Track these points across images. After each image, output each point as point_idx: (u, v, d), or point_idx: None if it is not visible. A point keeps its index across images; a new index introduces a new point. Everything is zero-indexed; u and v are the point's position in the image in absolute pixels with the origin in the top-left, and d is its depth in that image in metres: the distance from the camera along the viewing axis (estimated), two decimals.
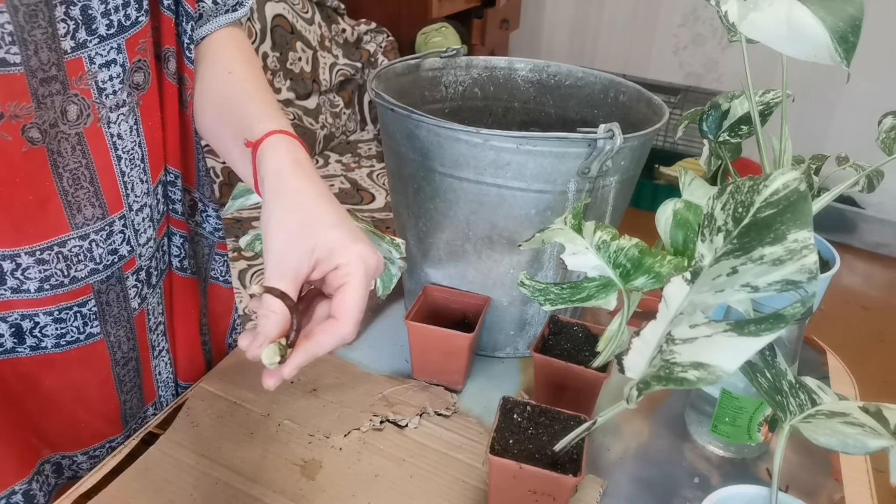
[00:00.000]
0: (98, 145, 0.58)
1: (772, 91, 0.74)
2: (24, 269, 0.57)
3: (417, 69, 0.88)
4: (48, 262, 0.58)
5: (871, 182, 0.73)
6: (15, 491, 0.64)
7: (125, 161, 0.61)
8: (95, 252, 0.61)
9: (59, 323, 0.61)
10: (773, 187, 0.43)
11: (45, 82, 0.52)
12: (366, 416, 0.71)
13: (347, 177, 2.35)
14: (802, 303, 0.46)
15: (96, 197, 0.59)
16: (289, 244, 0.51)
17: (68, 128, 0.56)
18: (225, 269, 0.80)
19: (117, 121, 0.59)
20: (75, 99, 0.55)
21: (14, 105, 0.51)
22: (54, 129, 0.55)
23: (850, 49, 0.52)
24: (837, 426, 0.48)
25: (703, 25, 2.99)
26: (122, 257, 0.64)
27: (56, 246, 0.58)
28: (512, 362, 0.83)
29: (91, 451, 0.71)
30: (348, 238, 0.51)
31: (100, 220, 0.60)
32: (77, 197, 0.58)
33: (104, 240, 0.61)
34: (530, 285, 0.63)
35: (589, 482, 0.66)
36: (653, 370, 0.45)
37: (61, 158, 0.56)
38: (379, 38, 2.73)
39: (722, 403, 0.68)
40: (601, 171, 0.70)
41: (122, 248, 0.63)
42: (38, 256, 0.57)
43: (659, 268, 0.58)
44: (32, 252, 0.57)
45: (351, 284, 0.50)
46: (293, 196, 0.53)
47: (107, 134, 0.59)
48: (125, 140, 0.60)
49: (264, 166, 0.55)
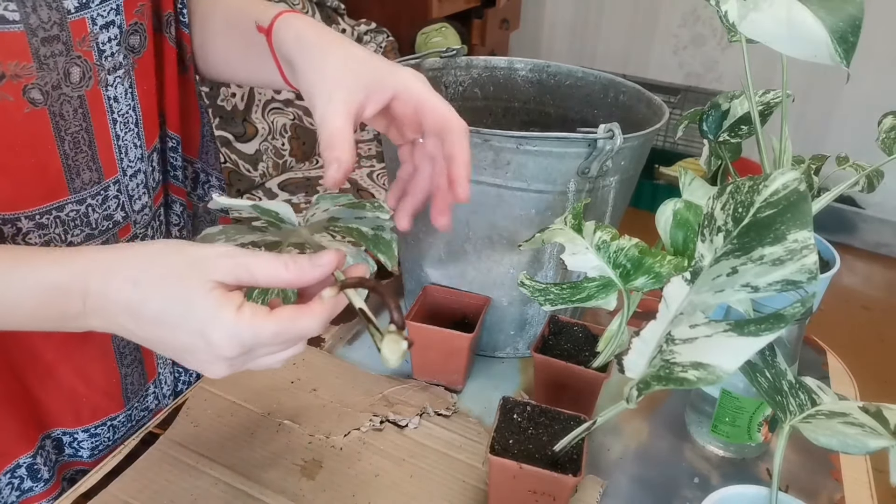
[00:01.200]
0: (97, 108, 0.58)
1: (772, 91, 0.74)
2: (24, 235, 0.57)
3: (417, 69, 0.88)
4: (47, 226, 0.58)
5: (871, 182, 0.73)
6: (20, 464, 0.65)
7: (120, 125, 0.61)
8: (91, 217, 0.61)
9: None
10: (773, 187, 0.43)
11: (46, 42, 0.52)
12: (366, 416, 0.71)
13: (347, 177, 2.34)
14: (802, 303, 0.46)
15: (93, 161, 0.59)
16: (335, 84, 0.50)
17: (71, 90, 0.55)
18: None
19: (114, 83, 0.59)
20: (78, 61, 0.55)
21: (14, 64, 0.51)
22: (57, 90, 0.54)
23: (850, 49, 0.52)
24: (837, 426, 0.48)
25: (703, 25, 2.99)
26: (116, 223, 0.63)
27: (54, 210, 0.58)
28: (512, 362, 0.83)
29: (92, 429, 0.70)
30: (389, 66, 0.51)
31: (96, 184, 0.60)
32: (77, 161, 0.58)
33: (100, 204, 0.61)
34: (530, 285, 0.63)
35: (589, 482, 0.66)
36: (653, 370, 0.45)
37: (63, 122, 0.56)
38: (379, 38, 2.73)
39: (722, 403, 0.68)
40: (601, 171, 0.70)
41: (116, 213, 0.63)
42: (38, 221, 0.57)
43: (659, 268, 0.58)
44: (32, 216, 0.56)
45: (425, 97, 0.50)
46: (322, 47, 0.53)
47: (104, 97, 0.58)
48: (120, 103, 0.60)
49: (282, 38, 0.55)
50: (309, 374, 0.77)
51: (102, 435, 0.71)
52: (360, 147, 2.57)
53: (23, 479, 0.65)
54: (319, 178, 2.32)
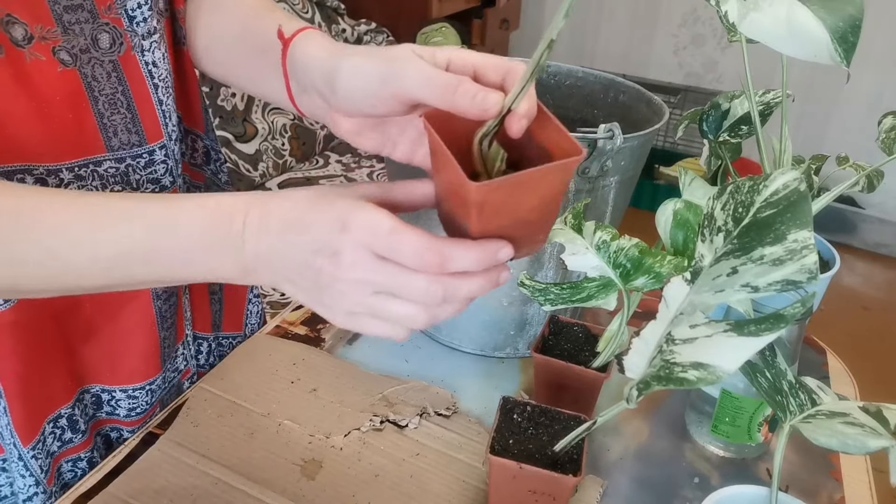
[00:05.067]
0: (134, 73, 0.59)
1: (772, 91, 0.74)
2: (66, 185, 0.58)
3: None
4: (85, 178, 0.59)
5: (871, 182, 0.73)
6: (61, 415, 0.66)
7: (161, 90, 0.62)
8: (132, 177, 0.62)
9: None
10: (773, 187, 0.43)
11: (69, 10, 0.54)
12: (366, 416, 0.71)
13: (347, 177, 2.34)
14: (802, 303, 0.46)
15: (133, 123, 0.60)
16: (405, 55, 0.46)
17: (101, 55, 0.57)
18: None
19: (150, 48, 0.60)
20: (106, 28, 0.57)
21: (40, 28, 0.53)
22: (86, 54, 0.56)
23: (850, 49, 0.52)
24: (837, 426, 0.48)
25: (703, 25, 2.99)
26: (164, 188, 0.64)
27: (92, 164, 0.59)
28: (512, 362, 0.83)
29: (130, 391, 0.71)
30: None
31: (136, 146, 0.61)
32: (113, 121, 0.59)
33: (142, 167, 0.62)
34: (530, 285, 0.63)
35: (589, 482, 0.66)
36: (653, 370, 0.45)
37: (96, 83, 0.57)
38: (379, 38, 2.73)
39: (722, 403, 0.68)
40: (601, 171, 0.70)
41: (164, 178, 0.64)
42: (77, 172, 0.58)
43: (659, 268, 0.58)
44: (72, 168, 0.58)
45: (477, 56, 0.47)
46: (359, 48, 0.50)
47: (141, 62, 0.60)
48: (160, 68, 0.61)
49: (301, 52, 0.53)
50: (309, 374, 0.77)
51: (141, 398, 0.72)
52: None
53: (64, 429, 0.66)
54: (319, 178, 2.32)
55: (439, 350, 0.84)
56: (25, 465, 0.64)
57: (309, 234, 0.44)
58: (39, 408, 0.65)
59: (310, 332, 0.85)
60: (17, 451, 0.63)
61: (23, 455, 0.64)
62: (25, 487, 0.65)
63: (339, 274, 0.44)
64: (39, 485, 0.66)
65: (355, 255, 0.43)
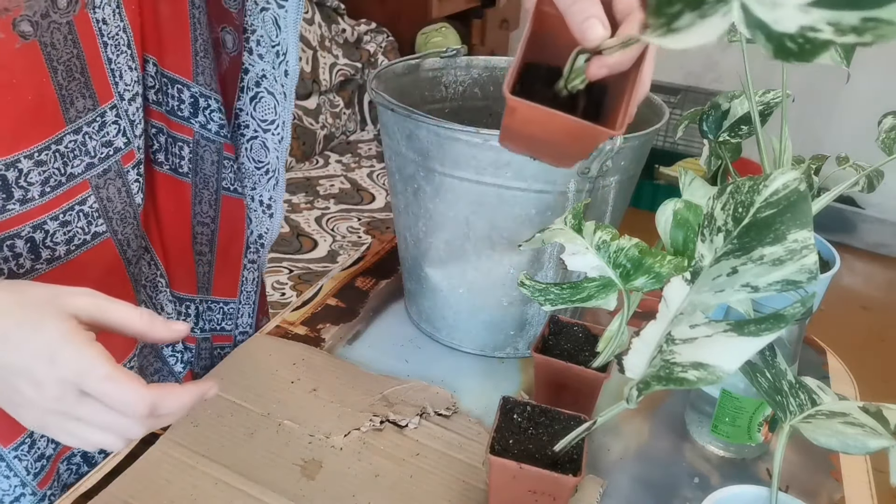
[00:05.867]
0: (86, 32, 0.56)
1: (772, 91, 0.74)
2: (26, 175, 0.56)
3: (417, 69, 0.88)
4: (46, 162, 0.56)
5: (871, 182, 0.73)
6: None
7: (111, 48, 0.59)
8: (89, 145, 0.59)
9: (65, 226, 0.60)
10: (773, 187, 0.43)
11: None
12: (366, 416, 0.71)
13: (347, 177, 2.34)
14: (802, 303, 0.46)
15: (86, 87, 0.57)
16: None
17: (59, 16, 0.53)
18: (233, 175, 0.76)
19: (101, 5, 0.56)
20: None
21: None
22: (46, 19, 0.52)
23: (850, 49, 0.52)
24: (837, 426, 0.48)
25: None
26: (117, 149, 0.62)
27: (53, 144, 0.56)
28: (512, 362, 0.83)
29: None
30: None
31: (90, 111, 0.58)
32: (70, 90, 0.56)
33: (97, 132, 0.60)
34: (530, 285, 0.63)
35: (589, 482, 0.66)
36: (653, 370, 0.45)
37: (55, 51, 0.54)
38: (379, 38, 2.73)
39: (722, 403, 0.68)
40: (601, 171, 0.70)
41: (117, 139, 0.61)
42: (37, 158, 0.56)
43: (659, 268, 0.58)
44: (31, 155, 0.55)
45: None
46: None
47: (93, 20, 0.56)
48: (109, 25, 0.58)
49: None
50: (309, 374, 0.77)
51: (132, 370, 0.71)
52: (360, 147, 2.57)
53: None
54: (319, 178, 2.32)
55: (439, 350, 0.84)
56: (8, 465, 0.64)
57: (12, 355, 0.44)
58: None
59: (310, 332, 0.85)
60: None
61: (4, 456, 0.63)
62: (11, 488, 0.64)
63: (39, 401, 0.45)
64: (26, 486, 0.65)
65: (60, 389, 0.44)
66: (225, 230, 0.78)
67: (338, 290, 0.92)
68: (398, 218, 0.83)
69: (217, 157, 0.73)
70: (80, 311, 0.46)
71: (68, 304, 0.46)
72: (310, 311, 0.88)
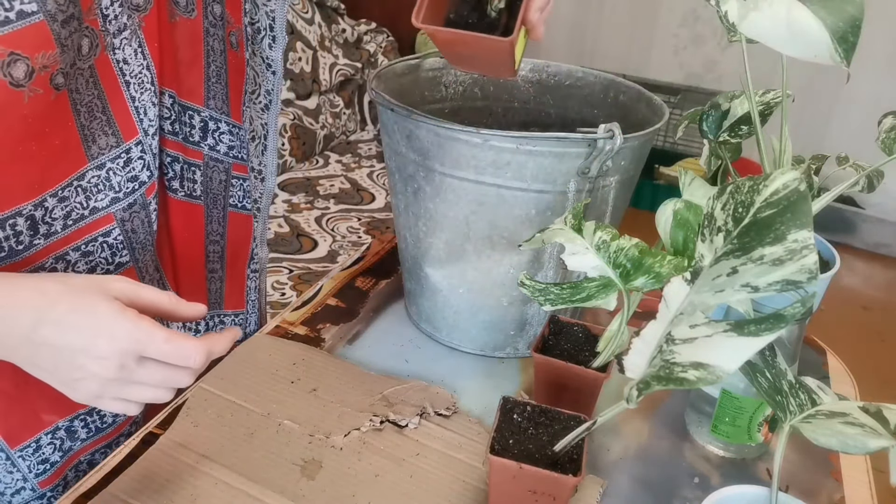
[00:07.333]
0: (106, 73, 0.59)
1: (772, 91, 0.74)
2: (50, 212, 0.58)
3: (417, 69, 0.88)
4: (68, 197, 0.60)
5: (871, 182, 0.73)
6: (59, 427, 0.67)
7: (134, 86, 0.61)
8: (114, 180, 0.62)
9: (87, 256, 0.62)
10: (773, 187, 0.43)
11: (65, 23, 0.53)
12: (366, 416, 0.71)
13: (347, 177, 2.34)
14: (802, 303, 0.46)
15: (109, 125, 0.60)
16: None
17: (82, 62, 0.56)
18: (242, 193, 0.78)
19: (121, 46, 0.59)
20: (87, 32, 0.56)
21: (42, 56, 0.51)
22: (73, 68, 0.55)
23: (849, 49, 0.52)
24: (837, 426, 0.48)
25: (703, 25, 2.99)
26: (142, 183, 0.65)
27: (75, 181, 0.59)
28: (512, 362, 0.83)
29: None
30: None
31: (114, 147, 0.61)
32: (92, 129, 0.59)
33: (121, 168, 0.62)
34: (530, 285, 0.63)
35: (589, 482, 0.66)
36: (653, 370, 0.45)
37: (78, 95, 0.57)
38: (379, 38, 2.73)
39: (722, 403, 0.68)
40: (601, 171, 0.70)
41: (142, 174, 0.64)
42: (61, 195, 0.59)
43: (659, 268, 0.58)
44: (55, 193, 0.58)
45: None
46: None
47: (112, 61, 0.59)
48: (131, 65, 0.60)
49: None
50: (309, 374, 0.77)
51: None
52: (360, 147, 2.57)
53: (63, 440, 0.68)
54: (319, 178, 2.32)
55: (439, 350, 0.84)
56: (13, 462, 0.64)
57: (72, 337, 0.49)
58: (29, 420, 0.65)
59: (310, 332, 0.85)
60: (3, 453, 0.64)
61: (10, 455, 0.64)
62: (13, 482, 0.66)
63: (102, 373, 0.50)
64: (27, 482, 0.66)
65: (122, 359, 0.50)
66: (232, 244, 0.80)
67: (338, 290, 0.92)
68: (398, 218, 0.83)
69: (225, 177, 0.76)
70: (119, 293, 0.51)
71: (110, 288, 0.51)
72: (310, 311, 0.88)
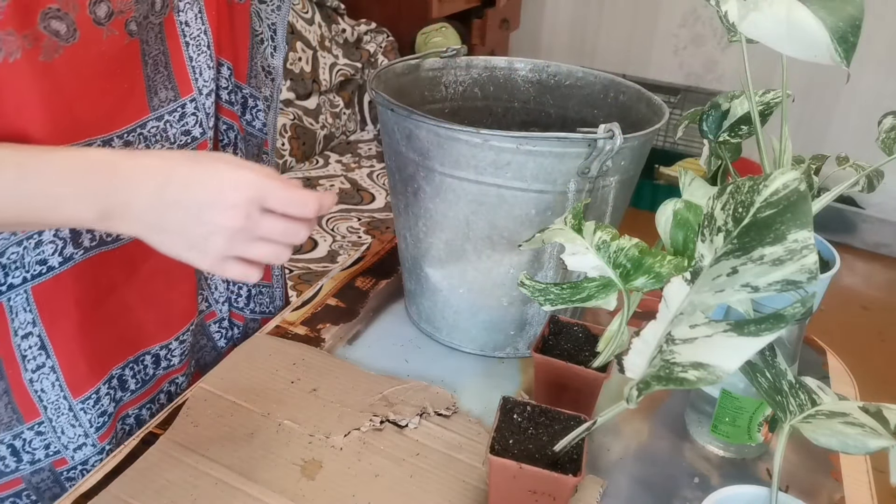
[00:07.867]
0: (171, 32, 0.64)
1: (772, 91, 0.74)
2: None
3: (417, 69, 0.88)
4: (132, 143, 0.63)
5: (871, 182, 0.73)
6: (112, 376, 0.70)
7: (192, 47, 0.66)
8: (170, 132, 0.66)
9: None
10: (773, 187, 0.43)
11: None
12: (366, 416, 0.71)
13: (347, 177, 2.34)
14: (802, 303, 0.46)
15: (169, 80, 0.65)
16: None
17: (154, 18, 0.62)
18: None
19: (184, 9, 0.64)
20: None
21: (120, 1, 0.58)
22: (146, 20, 0.61)
23: (849, 49, 0.52)
24: (837, 426, 0.48)
25: (703, 25, 2.99)
26: (194, 138, 0.69)
27: (138, 128, 0.64)
28: (512, 362, 0.83)
29: (180, 336, 0.76)
30: None
31: (172, 101, 0.66)
32: (155, 81, 0.64)
33: (177, 120, 0.67)
34: (530, 285, 0.63)
35: (589, 482, 0.66)
36: (653, 370, 0.45)
37: (147, 47, 0.62)
38: (379, 38, 2.73)
39: (722, 403, 0.68)
40: (601, 171, 0.70)
41: (194, 129, 0.68)
42: (126, 139, 0.63)
43: (659, 268, 0.58)
44: (122, 135, 0.62)
45: None
46: None
47: (177, 21, 0.64)
48: (192, 27, 0.65)
49: None
50: (309, 374, 0.77)
51: (187, 342, 0.76)
52: (360, 147, 2.57)
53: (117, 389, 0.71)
54: (319, 178, 2.32)
55: (439, 350, 0.84)
56: (75, 415, 0.68)
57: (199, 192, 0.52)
58: (94, 367, 0.68)
59: (310, 332, 0.85)
60: (67, 403, 0.67)
61: (73, 407, 0.67)
62: (75, 437, 0.69)
63: (231, 223, 0.52)
64: (88, 437, 0.69)
65: (249, 208, 0.52)
66: None
67: (338, 290, 0.92)
68: (398, 218, 0.83)
69: (257, 151, 0.80)
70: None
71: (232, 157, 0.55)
72: (310, 311, 0.88)
